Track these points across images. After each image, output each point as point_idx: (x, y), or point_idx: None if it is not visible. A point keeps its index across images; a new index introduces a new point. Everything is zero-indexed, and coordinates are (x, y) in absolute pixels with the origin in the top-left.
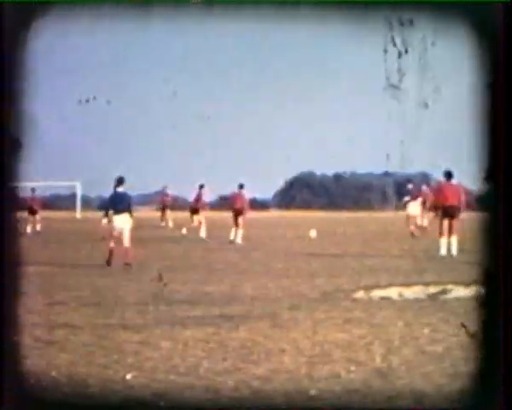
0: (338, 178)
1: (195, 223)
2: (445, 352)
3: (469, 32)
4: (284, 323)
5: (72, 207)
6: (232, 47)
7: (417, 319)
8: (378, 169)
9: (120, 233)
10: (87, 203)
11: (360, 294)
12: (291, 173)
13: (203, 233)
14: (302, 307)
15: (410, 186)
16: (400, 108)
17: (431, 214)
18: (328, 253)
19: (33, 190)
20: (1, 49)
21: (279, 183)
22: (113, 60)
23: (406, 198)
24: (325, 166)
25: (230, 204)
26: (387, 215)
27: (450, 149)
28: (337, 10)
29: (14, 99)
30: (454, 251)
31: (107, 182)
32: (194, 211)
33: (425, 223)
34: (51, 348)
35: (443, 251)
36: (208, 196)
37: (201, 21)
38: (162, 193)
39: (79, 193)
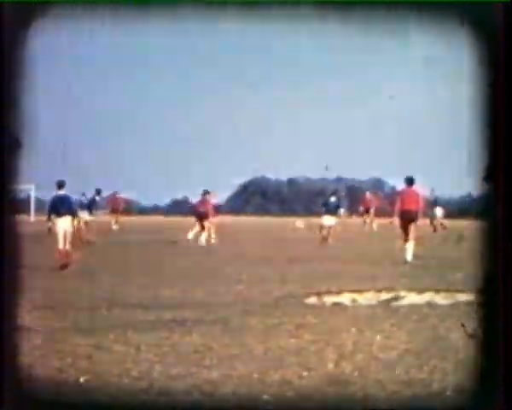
0: (291, 182)
1: (197, 229)
2: (398, 358)
3: (469, 32)
4: (236, 328)
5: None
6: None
7: (370, 326)
8: (331, 174)
9: (64, 235)
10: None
11: (312, 299)
12: (245, 178)
13: (203, 241)
14: (254, 313)
15: (332, 199)
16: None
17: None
18: (280, 258)
19: None
20: (1, 49)
21: (232, 187)
22: (113, 60)
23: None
24: (279, 171)
25: (195, 209)
26: (340, 220)
27: (450, 149)
28: (337, 10)
29: (14, 99)
30: (409, 257)
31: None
32: (201, 217)
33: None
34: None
35: (409, 257)
36: (214, 203)
37: (202, 21)
38: (113, 197)
39: (33, 196)
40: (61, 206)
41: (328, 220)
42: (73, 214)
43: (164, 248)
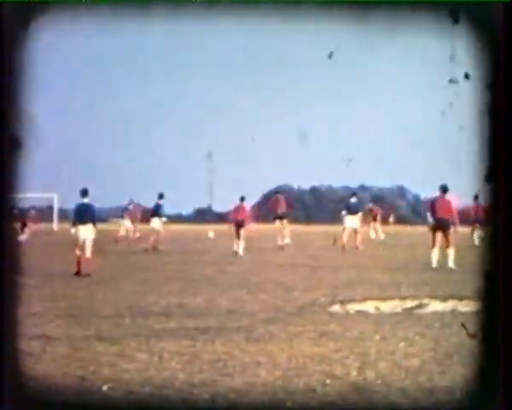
0: (314, 191)
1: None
2: (421, 366)
3: (469, 32)
4: (260, 336)
5: (50, 219)
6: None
7: (393, 333)
8: (354, 182)
9: (84, 242)
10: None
11: (336, 307)
12: (268, 186)
13: (241, 248)
14: (278, 321)
15: (353, 200)
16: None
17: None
18: (304, 266)
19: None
20: (1, 49)
21: (255, 196)
22: (113, 60)
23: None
24: (302, 179)
25: (232, 217)
26: (362, 229)
27: (450, 149)
28: (337, 10)
29: (14, 99)
30: (451, 264)
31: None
32: (238, 224)
33: (382, 237)
34: (27, 360)
35: (434, 263)
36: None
37: (202, 21)
38: (129, 207)
39: (56, 205)
40: (84, 214)
41: (350, 222)
42: (94, 222)
43: (188, 255)
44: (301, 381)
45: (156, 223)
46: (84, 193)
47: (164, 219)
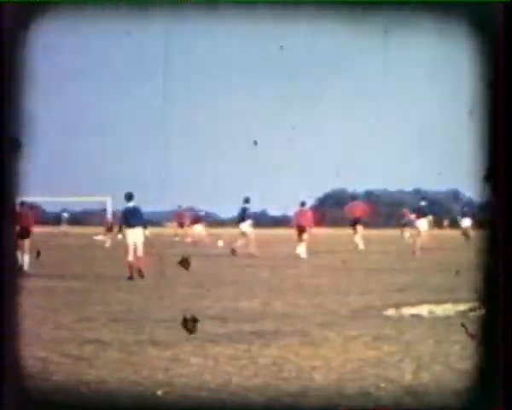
0: (369, 195)
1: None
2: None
3: (469, 32)
4: (315, 340)
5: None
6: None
7: (447, 337)
8: (409, 186)
9: (134, 246)
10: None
11: (391, 311)
12: (322, 190)
13: (303, 252)
14: (333, 324)
15: (422, 203)
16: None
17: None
18: (358, 270)
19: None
20: (1, 49)
21: (310, 200)
22: (113, 59)
23: (412, 216)
24: (356, 183)
25: (295, 221)
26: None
27: (450, 148)
28: (337, 10)
29: (14, 99)
30: None
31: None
32: (301, 229)
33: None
34: (81, 364)
35: None
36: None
37: (202, 21)
38: (180, 212)
39: (110, 208)
40: (132, 218)
41: (422, 225)
42: (145, 226)
43: (243, 259)
44: (356, 385)
45: (245, 227)
46: (130, 197)
47: (250, 222)
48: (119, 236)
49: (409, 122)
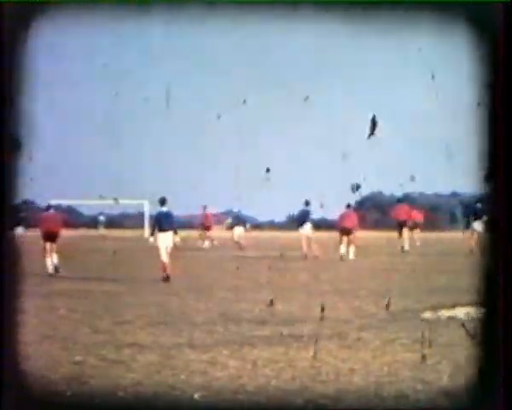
0: (406, 198)
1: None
2: None
3: (469, 32)
4: (353, 343)
5: (140, 226)
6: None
7: None
8: (446, 190)
9: (166, 249)
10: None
11: (428, 314)
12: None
13: (352, 253)
14: (371, 327)
15: (478, 205)
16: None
17: None
18: (395, 272)
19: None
20: (1, 49)
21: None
22: (113, 59)
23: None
24: (393, 186)
25: (341, 224)
26: (455, 235)
27: (450, 148)
28: (337, 10)
29: (14, 99)
30: None
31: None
32: (346, 231)
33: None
34: (118, 368)
35: None
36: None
37: (202, 21)
38: (203, 214)
39: (147, 212)
40: (164, 221)
41: (478, 227)
42: (175, 230)
43: (281, 262)
44: (393, 387)
45: (306, 229)
46: (163, 202)
47: (310, 224)
48: (151, 239)
49: (409, 122)
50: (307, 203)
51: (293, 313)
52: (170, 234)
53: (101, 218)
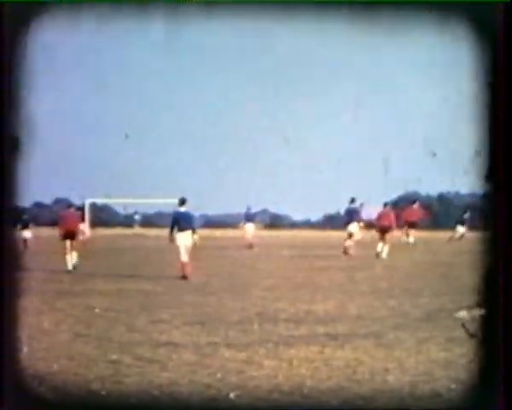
0: (441, 197)
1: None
2: None
3: (469, 32)
4: (388, 342)
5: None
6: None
7: None
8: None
9: (185, 249)
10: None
11: (462, 313)
12: (396, 193)
13: (385, 253)
14: (406, 326)
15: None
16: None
17: None
18: (432, 272)
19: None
20: (1, 49)
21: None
22: (114, 59)
23: None
24: (428, 186)
25: (379, 222)
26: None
27: (450, 148)
28: (337, 10)
29: (14, 99)
30: None
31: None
32: (384, 230)
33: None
34: (153, 367)
35: None
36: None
37: (201, 21)
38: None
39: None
40: (183, 221)
41: (461, 229)
42: (194, 230)
43: (317, 262)
44: (428, 386)
45: (353, 228)
46: (183, 202)
47: (361, 223)
48: (170, 239)
49: (409, 122)
50: (352, 201)
51: (329, 313)
52: (189, 233)
53: (137, 217)
